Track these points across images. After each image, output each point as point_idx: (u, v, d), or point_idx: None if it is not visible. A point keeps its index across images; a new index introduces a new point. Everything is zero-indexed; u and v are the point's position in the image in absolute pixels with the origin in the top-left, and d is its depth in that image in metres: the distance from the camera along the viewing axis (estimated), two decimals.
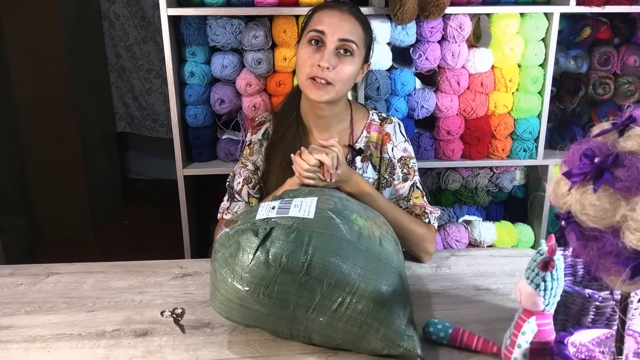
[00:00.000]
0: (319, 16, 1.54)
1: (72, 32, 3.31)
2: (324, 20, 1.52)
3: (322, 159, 1.39)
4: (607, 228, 0.76)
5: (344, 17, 1.53)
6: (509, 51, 2.18)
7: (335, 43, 1.49)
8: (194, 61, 2.19)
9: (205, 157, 2.32)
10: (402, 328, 1.07)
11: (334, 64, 1.49)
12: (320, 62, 1.48)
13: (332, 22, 1.51)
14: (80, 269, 1.49)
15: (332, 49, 1.49)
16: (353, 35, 1.52)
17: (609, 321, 1.08)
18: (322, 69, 1.48)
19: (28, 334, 1.19)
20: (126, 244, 3.48)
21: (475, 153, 2.32)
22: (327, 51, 1.49)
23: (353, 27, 1.53)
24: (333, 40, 1.49)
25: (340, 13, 1.53)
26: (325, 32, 1.49)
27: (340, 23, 1.51)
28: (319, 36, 1.50)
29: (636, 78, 2.34)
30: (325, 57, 1.48)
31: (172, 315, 1.26)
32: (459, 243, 2.34)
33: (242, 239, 1.08)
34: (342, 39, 1.50)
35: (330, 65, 1.48)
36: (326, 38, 1.49)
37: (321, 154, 1.39)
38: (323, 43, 1.50)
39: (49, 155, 3.35)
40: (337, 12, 1.53)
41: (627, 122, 0.79)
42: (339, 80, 1.51)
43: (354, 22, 1.53)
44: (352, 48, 1.51)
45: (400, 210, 1.53)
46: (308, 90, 1.52)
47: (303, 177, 1.40)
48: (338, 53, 1.51)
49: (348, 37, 1.50)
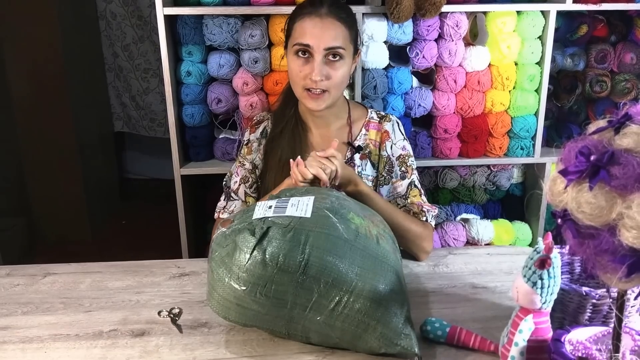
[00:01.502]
0: (301, 27, 1.51)
1: (69, 32, 3.30)
2: (306, 32, 1.50)
3: (319, 175, 1.34)
4: (603, 226, 0.76)
5: (326, 23, 1.50)
6: (506, 49, 2.18)
7: (322, 53, 1.49)
8: (191, 60, 2.19)
9: (202, 156, 2.32)
10: (399, 327, 1.07)
11: (326, 74, 1.49)
12: (311, 76, 1.48)
13: (315, 33, 1.49)
14: (77, 269, 1.49)
15: (320, 60, 1.49)
16: (338, 40, 1.50)
17: (606, 319, 1.08)
18: (314, 81, 1.48)
19: (25, 335, 1.19)
20: (124, 244, 3.48)
21: (473, 151, 2.32)
22: (317, 63, 1.48)
23: (337, 31, 1.51)
24: (320, 50, 1.48)
25: (321, 20, 1.50)
26: (311, 45, 1.48)
27: (324, 32, 1.49)
28: (305, 49, 1.49)
29: (633, 75, 2.34)
30: (315, 70, 1.48)
31: (170, 315, 1.25)
32: (456, 241, 2.34)
33: (238, 239, 1.07)
34: (328, 47, 1.49)
35: (322, 76, 1.48)
36: (313, 50, 1.49)
37: (318, 168, 1.34)
38: (310, 54, 1.50)
39: (46, 155, 3.35)
40: (317, 19, 1.50)
41: (623, 120, 0.79)
42: (333, 86, 1.51)
43: (337, 24, 1.51)
44: (340, 53, 1.51)
45: (397, 210, 1.53)
46: (305, 101, 1.53)
47: (299, 183, 1.38)
48: (328, 60, 1.50)
49: (334, 44, 1.49)
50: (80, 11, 3.54)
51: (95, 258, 1.61)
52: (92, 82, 3.75)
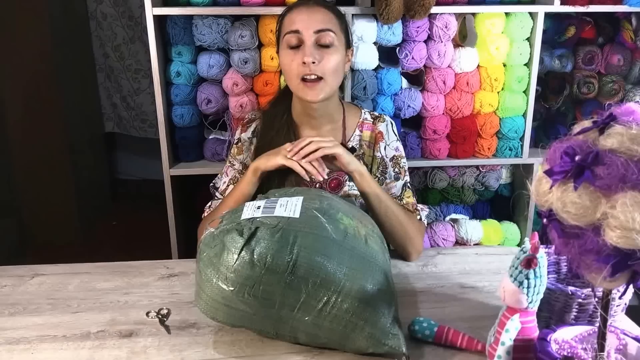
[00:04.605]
0: (289, 18, 1.53)
1: (59, 32, 3.29)
2: (294, 19, 1.51)
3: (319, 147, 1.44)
4: (587, 226, 0.76)
5: (313, 10, 1.53)
6: (495, 50, 2.19)
7: (312, 37, 1.49)
8: (180, 61, 2.19)
9: (192, 157, 2.31)
10: (387, 326, 1.07)
11: (318, 58, 1.49)
12: (304, 58, 1.47)
13: (303, 19, 1.50)
14: (65, 270, 1.48)
15: (311, 43, 1.49)
16: (327, 23, 1.51)
17: (592, 318, 1.09)
18: (308, 65, 1.47)
19: (12, 336, 1.19)
20: (115, 244, 3.47)
21: (462, 152, 2.33)
22: (307, 46, 1.48)
23: (324, 15, 1.52)
24: (309, 34, 1.49)
25: (308, 8, 1.53)
26: (299, 30, 1.49)
27: (311, 16, 1.51)
28: (295, 36, 1.50)
29: (620, 77, 2.36)
30: (307, 52, 1.48)
31: (158, 315, 1.25)
32: (445, 241, 2.35)
33: (227, 239, 1.07)
34: (317, 30, 1.49)
35: (314, 59, 1.47)
36: (302, 35, 1.49)
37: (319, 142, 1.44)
38: (301, 41, 1.50)
39: (36, 156, 3.34)
40: (304, 8, 1.53)
41: (608, 121, 0.80)
42: (328, 72, 1.50)
43: (324, 10, 1.53)
44: (331, 37, 1.50)
45: (402, 208, 1.55)
46: (302, 92, 1.51)
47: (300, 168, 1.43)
48: (319, 47, 1.50)
49: (322, 27, 1.50)
50: (70, 12, 3.52)
51: (86, 259, 1.60)
52: (82, 83, 3.73)
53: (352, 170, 1.46)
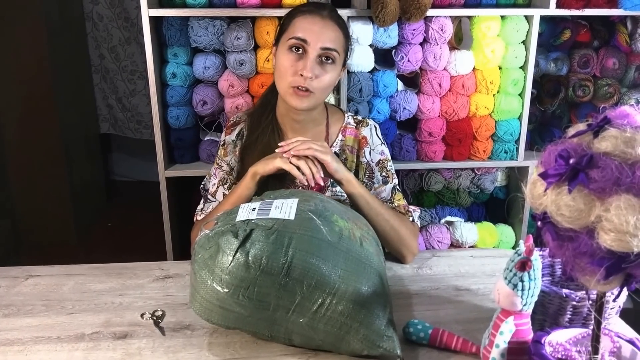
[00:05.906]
0: (300, 22, 1.51)
1: (55, 33, 3.28)
2: (305, 27, 1.49)
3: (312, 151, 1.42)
4: (582, 228, 0.77)
5: (326, 24, 1.51)
6: (490, 53, 2.19)
7: (317, 51, 1.48)
8: (176, 62, 2.18)
9: (187, 158, 2.31)
10: (381, 329, 1.07)
11: (317, 73, 1.48)
12: (302, 71, 1.47)
13: (314, 30, 1.49)
14: (60, 271, 1.48)
15: (314, 57, 1.48)
16: (335, 43, 1.51)
17: (586, 321, 1.09)
18: (304, 78, 1.47)
19: (6, 337, 1.18)
20: (110, 246, 3.46)
21: (457, 154, 2.34)
22: (310, 60, 1.47)
23: (335, 34, 1.52)
24: (315, 48, 1.48)
25: (322, 20, 1.51)
26: (307, 41, 1.48)
27: (323, 31, 1.49)
28: (301, 44, 1.48)
29: (615, 80, 2.37)
30: (308, 66, 1.47)
31: (152, 317, 1.25)
32: (440, 244, 2.35)
33: (221, 241, 1.07)
34: (324, 47, 1.48)
35: (313, 75, 1.47)
36: (308, 46, 1.48)
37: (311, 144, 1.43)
38: (305, 51, 1.48)
39: (31, 157, 3.32)
40: (318, 18, 1.51)
41: (602, 124, 0.80)
42: (320, 88, 1.50)
43: (336, 29, 1.52)
44: (334, 56, 1.50)
45: (393, 211, 1.54)
46: (289, 98, 1.51)
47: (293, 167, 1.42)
48: (320, 61, 1.49)
49: (330, 45, 1.49)
50: (66, 13, 3.52)
51: (81, 261, 1.59)
52: (78, 84, 3.72)
53: (340, 178, 1.46)
